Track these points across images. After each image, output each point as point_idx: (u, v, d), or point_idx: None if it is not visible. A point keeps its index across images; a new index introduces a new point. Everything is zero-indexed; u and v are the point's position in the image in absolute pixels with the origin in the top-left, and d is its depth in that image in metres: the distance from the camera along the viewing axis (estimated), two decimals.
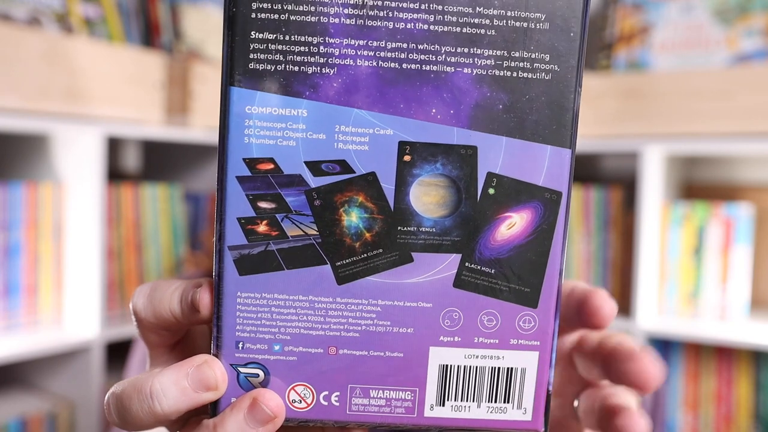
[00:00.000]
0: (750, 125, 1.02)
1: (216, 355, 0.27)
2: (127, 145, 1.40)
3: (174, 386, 0.26)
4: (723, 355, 1.14)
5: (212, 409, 0.28)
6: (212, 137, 1.13)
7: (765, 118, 1.01)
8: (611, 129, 1.11)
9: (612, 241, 1.17)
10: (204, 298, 0.27)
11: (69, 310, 1.02)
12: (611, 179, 1.32)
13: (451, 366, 0.28)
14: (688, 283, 1.11)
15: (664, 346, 1.18)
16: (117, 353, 1.18)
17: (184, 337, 0.32)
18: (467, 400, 0.28)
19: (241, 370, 0.27)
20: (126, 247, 1.11)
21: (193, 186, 1.30)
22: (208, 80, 1.10)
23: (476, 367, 0.28)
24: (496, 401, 0.28)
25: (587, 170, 1.35)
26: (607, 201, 1.18)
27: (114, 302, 1.09)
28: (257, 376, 0.28)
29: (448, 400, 0.28)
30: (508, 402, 0.28)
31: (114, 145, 1.37)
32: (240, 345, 0.27)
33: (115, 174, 1.33)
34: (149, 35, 1.22)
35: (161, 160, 1.35)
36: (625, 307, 1.15)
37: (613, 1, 1.24)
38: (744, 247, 1.08)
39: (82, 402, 1.03)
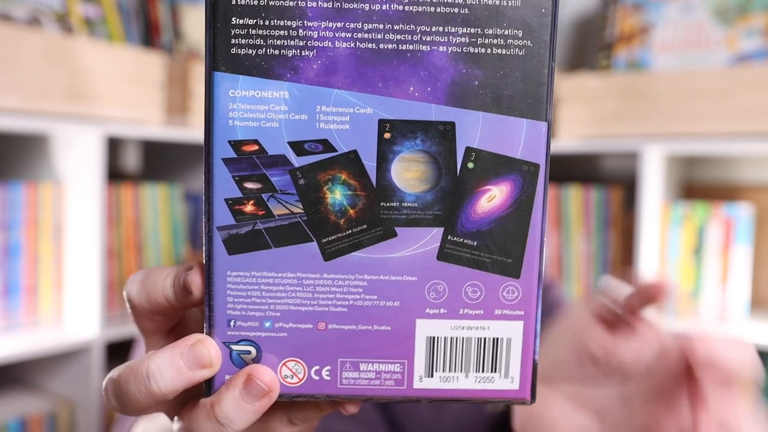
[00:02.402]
0: (750, 125, 1.02)
1: (209, 334, 0.28)
2: (127, 145, 1.40)
3: (169, 366, 0.27)
4: None
5: (207, 387, 0.28)
6: None
7: (765, 118, 1.01)
8: (611, 129, 1.11)
9: (612, 241, 1.17)
10: (195, 280, 0.28)
11: (69, 310, 1.02)
12: (611, 179, 1.32)
13: (437, 338, 0.28)
14: (688, 283, 1.11)
15: None
16: (117, 353, 1.18)
17: (178, 323, 0.32)
18: (455, 371, 0.28)
19: (234, 347, 0.28)
20: (126, 247, 1.11)
21: (193, 186, 1.30)
22: None
23: (463, 338, 0.28)
24: (483, 371, 0.29)
25: (587, 170, 1.35)
26: (607, 201, 1.18)
27: (114, 302, 1.10)
28: (249, 353, 0.28)
29: (436, 371, 0.28)
30: (495, 371, 0.29)
31: (114, 145, 1.37)
32: (231, 323, 0.28)
33: (115, 174, 1.33)
34: (149, 35, 1.22)
35: (161, 160, 1.35)
36: None
37: (613, 1, 1.24)
38: (744, 247, 1.08)
39: (82, 402, 1.03)
